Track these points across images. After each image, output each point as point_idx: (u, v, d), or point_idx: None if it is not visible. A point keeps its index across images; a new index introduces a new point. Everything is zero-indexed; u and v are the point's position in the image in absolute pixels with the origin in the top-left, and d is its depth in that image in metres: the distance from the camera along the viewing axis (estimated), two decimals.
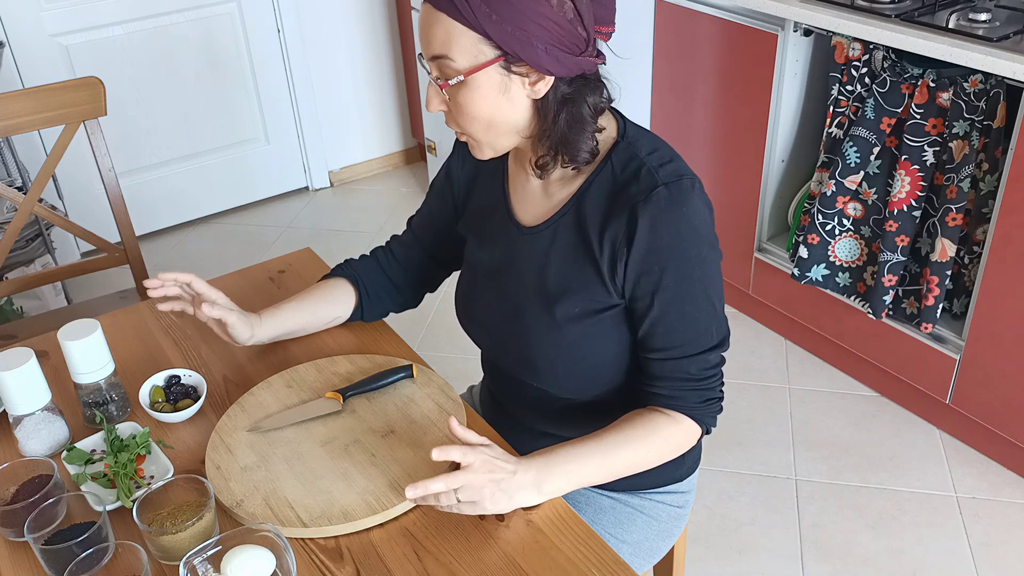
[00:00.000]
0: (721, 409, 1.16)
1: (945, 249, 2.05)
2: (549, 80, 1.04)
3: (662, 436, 1.13)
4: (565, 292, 1.13)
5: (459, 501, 1.02)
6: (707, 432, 1.17)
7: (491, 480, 1.02)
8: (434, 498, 1.02)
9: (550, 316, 1.15)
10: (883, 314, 2.23)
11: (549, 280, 1.15)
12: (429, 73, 1.05)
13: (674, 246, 1.06)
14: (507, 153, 1.21)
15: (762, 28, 2.28)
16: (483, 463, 1.01)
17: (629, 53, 2.65)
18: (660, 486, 1.32)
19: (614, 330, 1.15)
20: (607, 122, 1.13)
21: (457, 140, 1.31)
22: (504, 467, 1.03)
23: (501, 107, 1.04)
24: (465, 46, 0.99)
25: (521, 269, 1.18)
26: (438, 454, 1.01)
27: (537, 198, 1.18)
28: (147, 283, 1.25)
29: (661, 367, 1.13)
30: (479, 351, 1.38)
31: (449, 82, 1.02)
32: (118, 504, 1.11)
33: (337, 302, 1.36)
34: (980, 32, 1.90)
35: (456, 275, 1.38)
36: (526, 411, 1.30)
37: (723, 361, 1.15)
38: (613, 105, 1.12)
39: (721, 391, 1.16)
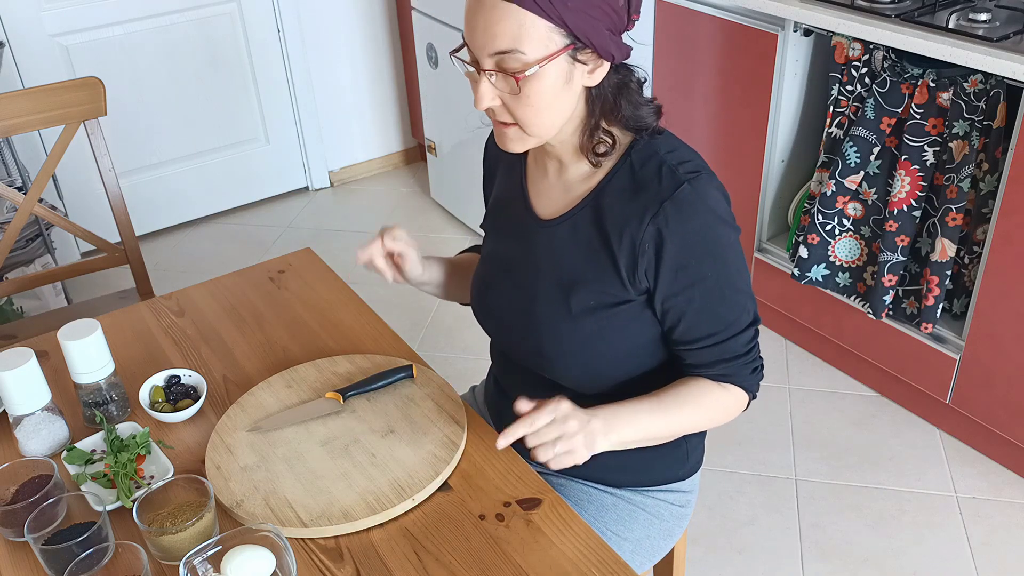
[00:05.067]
0: (763, 376, 1.22)
1: (945, 249, 2.05)
2: (606, 67, 1.06)
3: (714, 400, 1.18)
4: (580, 284, 1.15)
5: (555, 454, 1.04)
6: (754, 397, 1.22)
7: (577, 427, 1.05)
8: (541, 451, 1.04)
9: (565, 308, 1.16)
10: (883, 314, 2.23)
11: (565, 272, 1.17)
12: (480, 70, 1.04)
13: (707, 240, 1.10)
14: None
15: (762, 28, 2.28)
16: (566, 411, 1.06)
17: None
18: (663, 484, 1.33)
19: (628, 325, 1.16)
20: None
21: (489, 139, 1.32)
22: (579, 414, 1.07)
23: (562, 96, 1.06)
24: (537, 37, 1.00)
25: (538, 261, 1.20)
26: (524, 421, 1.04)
27: (555, 192, 1.19)
28: (360, 256, 1.25)
29: (710, 353, 1.16)
30: (480, 351, 1.38)
31: (525, 74, 1.01)
32: (118, 504, 1.11)
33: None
34: (980, 32, 1.90)
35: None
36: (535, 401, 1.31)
37: (759, 333, 1.19)
38: None
39: (761, 358, 1.21)
